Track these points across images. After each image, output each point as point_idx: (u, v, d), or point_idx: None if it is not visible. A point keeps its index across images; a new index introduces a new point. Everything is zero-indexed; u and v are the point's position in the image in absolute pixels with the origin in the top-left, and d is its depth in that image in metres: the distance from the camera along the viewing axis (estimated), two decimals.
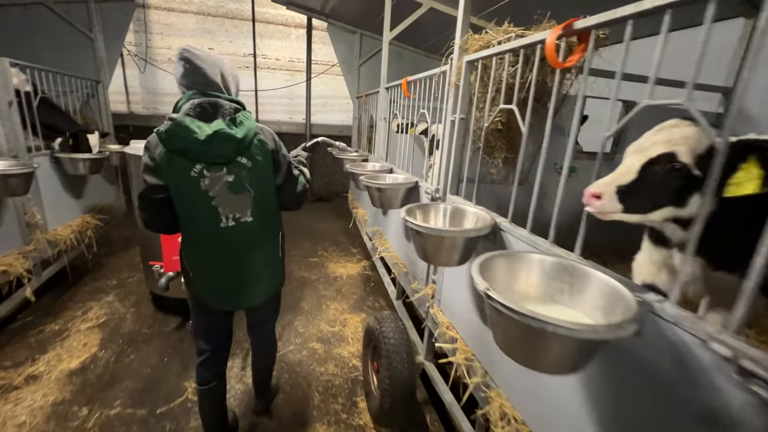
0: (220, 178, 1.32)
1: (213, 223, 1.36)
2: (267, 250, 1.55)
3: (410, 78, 2.50)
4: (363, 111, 4.50)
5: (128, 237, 4.57)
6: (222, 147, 1.27)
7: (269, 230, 1.54)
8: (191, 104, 1.28)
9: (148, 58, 6.31)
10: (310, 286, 3.72)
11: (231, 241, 1.42)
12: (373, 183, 2.24)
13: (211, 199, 1.33)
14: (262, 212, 1.46)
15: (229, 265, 1.45)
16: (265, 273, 1.56)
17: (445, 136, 1.90)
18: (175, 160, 1.27)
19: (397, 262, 2.69)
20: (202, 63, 1.31)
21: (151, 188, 1.32)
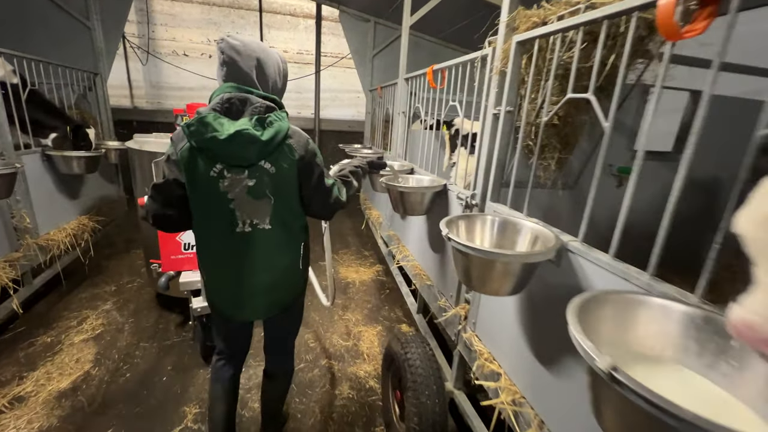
0: (240, 181, 1.23)
1: (229, 226, 1.28)
2: (284, 259, 1.42)
3: (437, 66, 2.20)
4: (377, 105, 4.21)
5: (130, 239, 4.36)
6: (243, 149, 1.17)
7: (289, 240, 1.42)
8: (220, 98, 1.21)
9: (152, 51, 6.07)
10: None
11: (246, 247, 1.31)
12: (395, 185, 1.96)
13: (230, 202, 1.25)
14: (283, 221, 1.35)
15: (242, 271, 1.35)
16: (280, 284, 1.44)
17: (485, 133, 1.61)
18: (196, 158, 1.20)
19: (418, 273, 2.41)
20: (236, 55, 1.22)
21: (169, 182, 1.25)
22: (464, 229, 1.32)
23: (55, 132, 2.76)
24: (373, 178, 2.51)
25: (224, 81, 1.27)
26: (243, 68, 1.24)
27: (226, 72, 1.25)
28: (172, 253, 2.34)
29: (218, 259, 1.35)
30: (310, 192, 1.37)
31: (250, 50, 1.24)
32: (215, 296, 1.44)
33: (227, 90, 1.23)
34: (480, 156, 1.66)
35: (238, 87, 1.24)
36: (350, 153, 3.53)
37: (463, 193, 1.80)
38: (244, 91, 1.23)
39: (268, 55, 1.30)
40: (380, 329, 2.97)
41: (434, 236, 2.21)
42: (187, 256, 2.40)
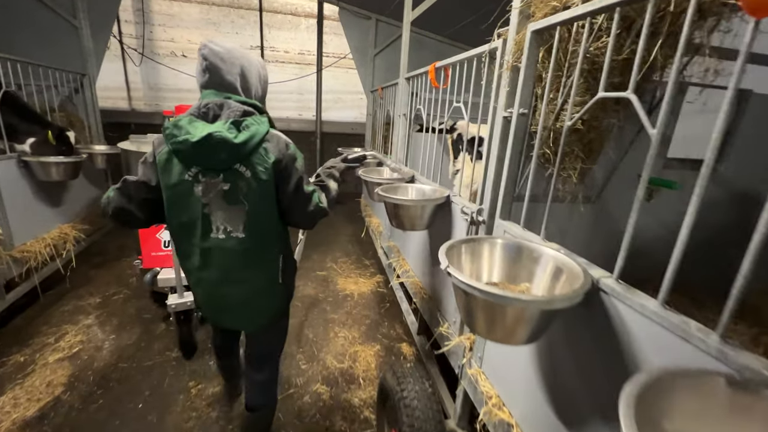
0: (215, 185, 1.20)
1: (204, 232, 1.25)
2: (259, 273, 1.36)
3: (440, 63, 1.98)
4: (378, 106, 4.00)
5: (122, 245, 4.19)
6: (213, 151, 1.14)
7: (265, 251, 1.34)
8: (199, 104, 1.21)
9: (150, 52, 5.94)
10: (316, 308, 3.25)
11: (219, 256, 1.28)
12: (391, 198, 1.74)
13: (204, 207, 1.22)
14: (258, 230, 1.28)
15: (216, 280, 1.32)
16: (254, 300, 1.39)
17: (495, 139, 1.39)
18: (172, 161, 1.19)
19: (419, 291, 2.18)
20: (219, 62, 1.21)
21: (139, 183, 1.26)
22: (468, 256, 1.10)
23: (33, 137, 2.59)
24: (370, 186, 2.30)
25: (205, 88, 1.25)
26: (226, 76, 1.22)
27: (207, 79, 1.23)
28: (153, 250, 2.35)
29: (194, 264, 1.31)
30: (289, 199, 1.31)
31: (234, 57, 1.23)
32: (197, 298, 1.44)
33: (206, 97, 1.22)
34: (488, 166, 1.44)
35: (217, 93, 1.23)
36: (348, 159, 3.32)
37: (469, 207, 1.57)
38: (223, 97, 1.22)
39: (250, 63, 1.29)
40: (378, 348, 2.75)
41: (436, 250, 1.99)
42: (167, 254, 2.39)
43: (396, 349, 2.76)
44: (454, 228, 1.77)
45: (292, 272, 1.53)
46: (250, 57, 1.31)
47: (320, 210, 1.39)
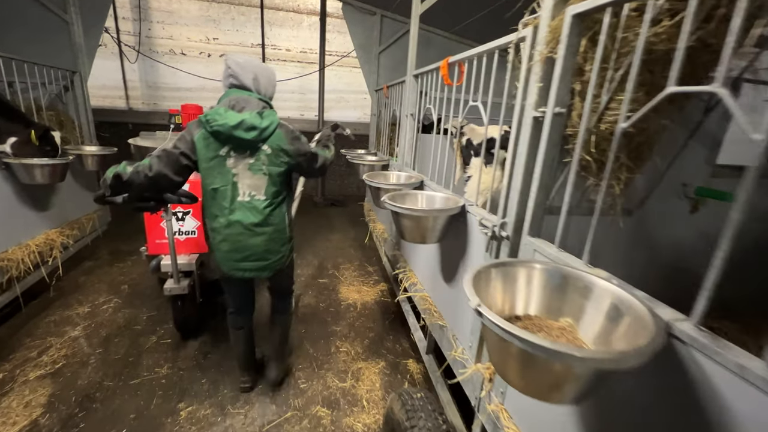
0: (243, 159, 1.65)
1: (233, 195, 1.66)
2: (272, 227, 1.76)
3: (454, 58, 1.79)
4: (382, 106, 3.82)
5: (114, 250, 4.03)
6: (246, 133, 1.59)
7: (278, 209, 1.78)
8: (228, 100, 1.66)
9: (148, 50, 5.78)
10: (317, 319, 3.07)
11: (245, 214, 1.69)
12: (400, 208, 1.55)
13: (234, 176, 1.65)
14: (273, 193, 1.73)
15: (242, 233, 1.70)
16: (271, 247, 1.78)
17: (522, 144, 1.20)
18: (209, 141, 1.60)
19: (429, 308, 2.00)
20: (239, 69, 1.70)
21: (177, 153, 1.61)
22: (499, 284, 0.91)
23: (15, 136, 2.42)
24: (374, 191, 2.13)
25: (230, 88, 1.73)
26: (241, 79, 1.71)
27: (230, 82, 1.72)
28: (157, 238, 2.44)
29: (222, 223, 1.68)
30: (308, 163, 1.80)
31: (249, 66, 1.73)
32: (218, 254, 1.76)
33: (233, 93, 1.69)
34: (513, 173, 1.25)
35: (241, 91, 1.70)
36: (352, 160, 3.14)
37: (489, 219, 1.39)
38: (246, 95, 1.70)
39: (262, 70, 1.77)
40: (383, 365, 2.56)
41: (449, 266, 1.80)
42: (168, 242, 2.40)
43: (402, 366, 2.58)
44: (471, 242, 1.59)
45: (293, 225, 1.95)
46: (263, 66, 1.79)
47: (325, 163, 1.90)
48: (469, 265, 1.62)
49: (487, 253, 1.41)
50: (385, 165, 3.15)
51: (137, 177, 1.58)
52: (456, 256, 1.72)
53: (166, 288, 2.34)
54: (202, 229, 2.44)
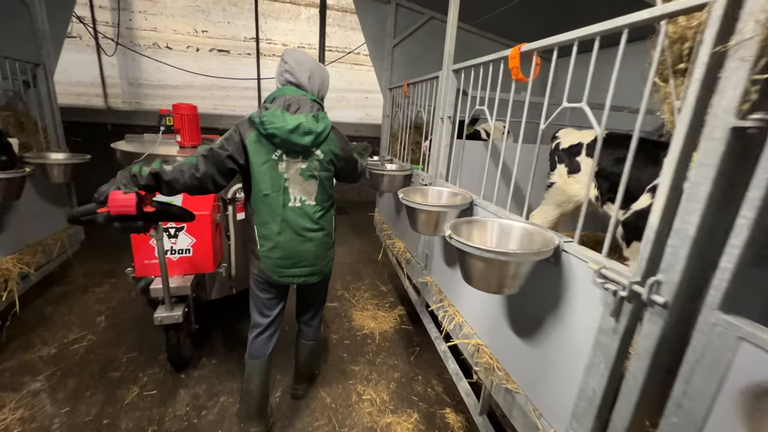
0: (295, 164, 1.56)
1: (283, 201, 1.58)
2: (323, 231, 1.70)
3: (528, 46, 1.37)
4: (398, 106, 3.38)
5: (90, 272, 3.50)
6: (302, 137, 1.51)
7: (326, 214, 1.71)
8: (283, 99, 1.55)
9: (129, 42, 5.23)
10: (331, 355, 2.62)
11: (296, 219, 1.61)
12: (477, 249, 1.12)
13: (285, 180, 1.57)
14: (322, 198, 1.66)
15: (293, 239, 1.63)
16: (320, 252, 1.72)
17: (705, 164, 0.78)
18: (262, 144, 1.51)
19: (491, 364, 1.57)
20: (296, 65, 1.60)
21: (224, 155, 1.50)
22: None
23: None
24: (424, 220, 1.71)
25: (283, 84, 1.63)
26: (301, 76, 1.61)
27: (286, 78, 1.62)
28: (145, 258, 2.15)
29: (273, 230, 1.61)
30: (349, 169, 1.79)
31: (307, 62, 1.64)
32: (267, 261, 1.65)
33: (287, 92, 1.59)
34: (680, 208, 0.83)
35: (296, 90, 1.60)
36: (369, 167, 2.70)
37: (620, 273, 0.97)
38: (300, 94, 1.59)
39: (318, 68, 1.68)
40: (416, 418, 2.13)
41: (526, 316, 1.39)
42: None
43: (440, 419, 2.15)
44: (569, 293, 1.17)
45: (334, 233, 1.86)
46: (318, 63, 1.68)
47: (363, 171, 1.89)
48: (566, 326, 1.20)
49: (612, 319, 0.99)
50: (408, 175, 2.72)
51: (182, 176, 1.47)
52: (539, 306, 1.30)
53: (157, 318, 2.06)
54: (198, 247, 2.22)
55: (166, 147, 2.63)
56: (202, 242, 2.28)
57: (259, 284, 1.74)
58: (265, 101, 1.59)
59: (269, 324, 1.80)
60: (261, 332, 1.80)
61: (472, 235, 1.36)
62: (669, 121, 0.98)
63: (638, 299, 0.93)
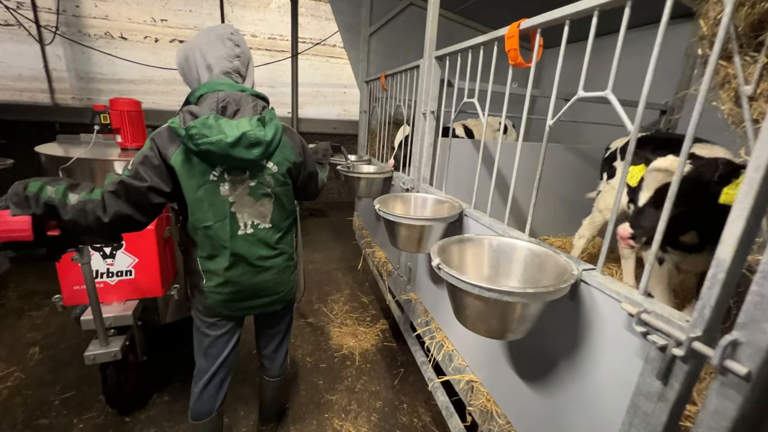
0: (241, 182, 1.22)
1: (231, 231, 1.25)
2: (283, 256, 1.41)
3: (529, 22, 1.11)
4: (376, 101, 3.08)
5: (26, 294, 3.06)
6: (247, 151, 1.14)
7: (285, 236, 1.42)
8: (216, 98, 1.16)
9: (77, 32, 4.70)
10: (305, 383, 2.32)
11: (249, 250, 1.30)
12: (477, 288, 0.84)
13: (231, 205, 1.23)
14: (280, 218, 1.36)
15: (247, 273, 1.33)
16: (281, 281, 1.43)
17: None
18: (193, 163, 1.14)
19: (487, 407, 1.31)
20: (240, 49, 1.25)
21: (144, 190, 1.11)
22: None
23: None
24: (397, 229, 1.42)
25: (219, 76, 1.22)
26: (243, 64, 1.26)
27: (234, 66, 1.23)
28: (75, 283, 1.85)
29: (221, 265, 1.29)
30: (304, 181, 1.44)
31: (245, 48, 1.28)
32: (215, 297, 1.33)
33: (219, 87, 1.18)
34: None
35: (232, 84, 1.20)
36: (342, 170, 2.39)
37: (662, 318, 0.71)
38: (238, 89, 1.21)
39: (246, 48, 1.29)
40: None
41: (535, 349, 1.13)
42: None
43: None
44: (593, 343, 0.91)
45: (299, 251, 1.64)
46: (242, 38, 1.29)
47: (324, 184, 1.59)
48: (587, 377, 0.94)
49: (658, 381, 0.74)
50: (388, 177, 2.43)
51: (84, 218, 1.07)
52: (549, 347, 1.04)
53: (89, 356, 1.75)
54: (141, 267, 1.92)
55: (105, 149, 2.25)
56: (146, 262, 1.93)
57: (204, 322, 1.40)
58: (187, 98, 1.21)
59: (218, 369, 1.45)
60: (208, 381, 1.45)
61: (466, 260, 1.08)
62: (729, 113, 0.73)
63: (699, 359, 0.68)
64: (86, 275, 1.64)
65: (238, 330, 1.51)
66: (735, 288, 0.66)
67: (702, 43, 0.75)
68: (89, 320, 1.79)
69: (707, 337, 0.67)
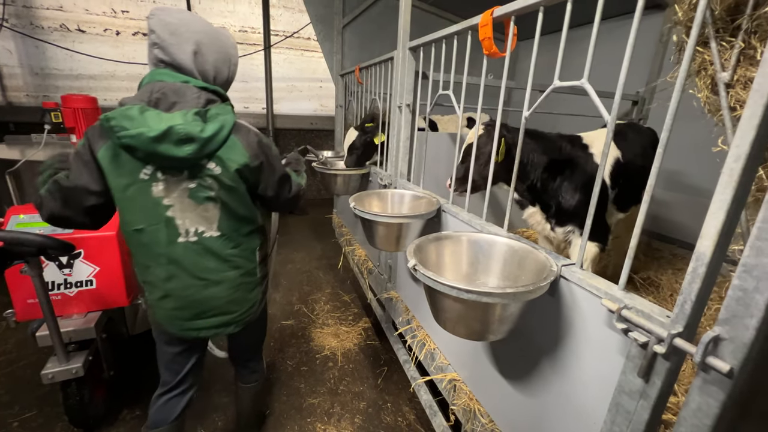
0: (177, 184, 1.08)
1: (169, 237, 1.12)
2: (238, 271, 1.24)
3: (503, 9, 1.07)
4: (352, 95, 3.00)
5: None
6: (177, 148, 1.00)
7: (242, 246, 1.24)
8: (151, 88, 1.04)
9: (29, 25, 4.38)
10: (286, 387, 2.25)
11: (192, 260, 1.15)
12: (458, 291, 0.80)
13: (166, 209, 1.09)
14: (233, 225, 1.19)
15: (191, 286, 1.18)
16: (237, 297, 1.26)
17: None
18: (122, 158, 1.03)
19: (470, 406, 1.29)
20: (169, 36, 1.04)
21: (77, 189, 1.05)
22: None
23: None
24: (373, 227, 1.37)
25: (155, 66, 1.09)
26: (174, 52, 1.05)
27: (155, 55, 1.07)
28: (29, 296, 1.73)
29: (159, 276, 1.16)
30: (274, 188, 1.25)
31: (189, 31, 1.06)
32: (160, 312, 1.22)
33: (158, 77, 1.06)
34: (760, 232, 0.55)
35: (172, 75, 1.07)
36: (318, 168, 2.32)
37: (642, 314, 0.69)
38: (180, 80, 1.06)
39: (213, 39, 1.12)
40: None
41: (516, 347, 1.11)
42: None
43: None
44: (574, 341, 0.89)
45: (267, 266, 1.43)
46: (214, 32, 1.13)
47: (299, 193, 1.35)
48: (569, 376, 0.92)
49: (641, 379, 0.72)
50: (365, 174, 2.37)
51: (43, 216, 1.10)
52: (530, 346, 1.02)
53: (46, 374, 1.63)
54: (103, 276, 1.80)
55: (58, 151, 2.09)
56: (108, 270, 1.81)
57: (160, 335, 1.32)
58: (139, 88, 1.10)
59: (179, 383, 1.37)
60: (170, 393, 1.37)
61: (444, 259, 1.04)
62: (706, 101, 0.71)
63: (680, 356, 0.66)
64: (38, 288, 1.51)
65: (199, 350, 1.41)
66: (715, 281, 0.65)
67: (677, 28, 0.73)
68: (45, 336, 1.66)
69: (688, 333, 0.66)
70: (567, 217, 1.59)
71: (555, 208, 1.62)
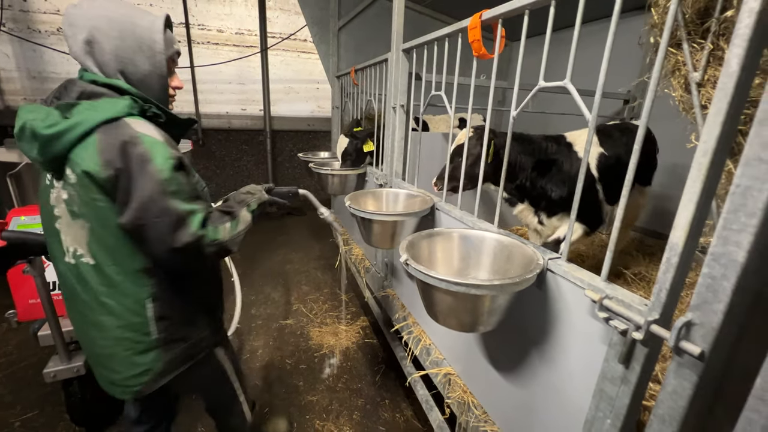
0: (59, 192, 0.92)
1: (58, 253, 0.97)
2: (113, 319, 0.97)
3: (491, 12, 1.10)
4: (348, 96, 3.04)
5: None
6: (30, 147, 0.87)
7: (119, 290, 0.95)
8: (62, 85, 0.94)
9: (26, 28, 4.40)
10: (284, 385, 2.28)
11: (71, 286, 0.97)
12: (451, 284, 0.83)
13: (56, 220, 0.94)
14: (110, 256, 0.94)
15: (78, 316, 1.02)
16: (118, 354, 0.99)
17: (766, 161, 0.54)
18: None
19: (464, 399, 1.32)
20: (68, 27, 0.91)
21: None
22: None
23: None
24: (367, 226, 1.40)
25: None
26: (72, 44, 0.92)
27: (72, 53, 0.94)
28: (30, 296, 1.75)
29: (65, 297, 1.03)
30: (138, 218, 0.87)
31: (84, 18, 0.91)
32: None
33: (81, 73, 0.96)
34: (727, 222, 0.59)
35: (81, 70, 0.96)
36: (315, 168, 2.35)
37: (623, 303, 0.73)
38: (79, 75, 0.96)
39: (115, 24, 0.92)
40: None
41: (506, 340, 1.14)
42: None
43: None
44: (560, 331, 0.92)
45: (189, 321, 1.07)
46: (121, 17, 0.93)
47: (204, 244, 0.93)
48: (556, 365, 0.95)
49: (622, 366, 0.75)
50: (361, 174, 2.41)
51: None
52: (519, 337, 1.05)
53: (48, 373, 1.67)
54: None
55: None
56: None
57: None
58: None
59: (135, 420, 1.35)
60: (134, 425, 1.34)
61: (436, 254, 1.08)
62: (680, 100, 0.74)
63: (657, 342, 0.70)
64: (40, 288, 1.54)
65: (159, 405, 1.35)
66: (688, 270, 0.68)
67: (654, 31, 0.77)
68: (47, 335, 1.69)
69: (664, 320, 0.69)
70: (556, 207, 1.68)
71: (545, 201, 1.69)
